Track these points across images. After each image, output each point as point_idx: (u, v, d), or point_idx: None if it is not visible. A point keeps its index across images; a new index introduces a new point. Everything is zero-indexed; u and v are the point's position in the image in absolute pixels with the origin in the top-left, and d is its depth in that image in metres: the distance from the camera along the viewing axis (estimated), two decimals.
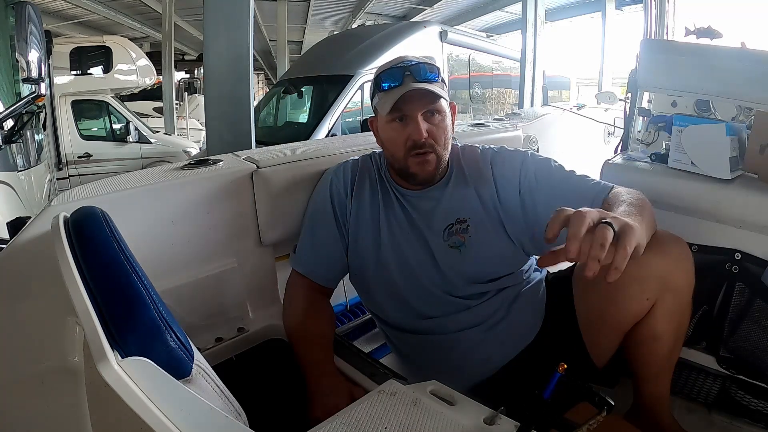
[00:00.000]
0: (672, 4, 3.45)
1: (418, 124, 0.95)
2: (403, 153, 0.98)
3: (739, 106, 1.54)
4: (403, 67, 0.97)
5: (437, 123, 0.97)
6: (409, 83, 0.95)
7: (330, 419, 0.58)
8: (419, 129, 0.95)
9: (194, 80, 14.30)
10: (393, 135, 0.98)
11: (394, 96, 0.95)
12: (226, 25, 2.14)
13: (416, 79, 0.95)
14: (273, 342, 1.05)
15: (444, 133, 0.98)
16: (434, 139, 0.97)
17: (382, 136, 1.02)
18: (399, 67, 0.97)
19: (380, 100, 0.99)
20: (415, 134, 0.95)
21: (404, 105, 0.95)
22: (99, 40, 6.21)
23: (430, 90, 0.94)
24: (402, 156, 0.98)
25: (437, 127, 0.97)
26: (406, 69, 0.96)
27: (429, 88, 0.94)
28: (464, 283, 0.99)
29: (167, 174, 1.04)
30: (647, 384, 0.97)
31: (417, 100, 0.95)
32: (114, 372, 0.47)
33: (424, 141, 0.95)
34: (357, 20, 9.26)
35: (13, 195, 2.11)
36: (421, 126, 0.95)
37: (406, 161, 0.98)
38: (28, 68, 1.94)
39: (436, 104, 0.96)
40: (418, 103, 0.95)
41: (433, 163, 0.98)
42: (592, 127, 2.44)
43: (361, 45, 4.48)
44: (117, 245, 0.63)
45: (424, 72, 0.96)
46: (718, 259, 1.14)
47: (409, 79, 0.95)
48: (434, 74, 0.97)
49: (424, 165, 0.97)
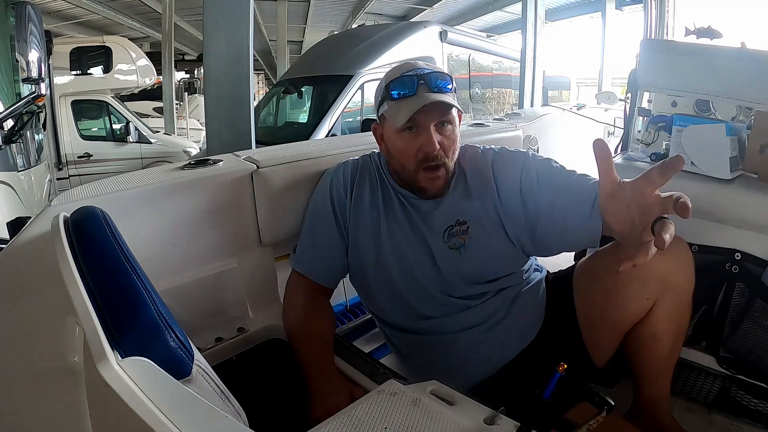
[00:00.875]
0: (672, 4, 3.45)
1: (431, 135, 0.92)
2: (413, 165, 0.95)
3: (739, 106, 1.54)
4: (417, 75, 0.93)
5: (449, 134, 0.95)
6: (424, 93, 0.91)
7: (330, 419, 0.58)
8: (432, 141, 0.92)
9: (194, 80, 14.30)
10: (403, 146, 0.95)
11: (411, 107, 0.91)
12: (226, 25, 2.14)
13: (431, 89, 0.92)
14: (273, 342, 1.05)
15: (454, 144, 0.96)
16: (445, 151, 0.94)
17: (389, 146, 0.99)
18: (411, 75, 0.93)
19: (391, 109, 0.95)
20: (427, 146, 0.92)
21: (418, 116, 0.91)
22: (99, 40, 6.21)
23: (446, 102, 0.91)
24: (413, 168, 0.96)
25: (448, 139, 0.95)
26: (420, 78, 0.92)
27: (445, 99, 0.91)
28: (464, 283, 0.99)
29: (167, 174, 1.04)
30: (647, 384, 0.97)
31: (431, 111, 0.91)
32: (114, 372, 0.47)
33: (436, 153, 0.93)
34: (357, 20, 9.26)
35: (13, 195, 2.11)
36: (434, 138, 0.92)
37: (416, 175, 0.96)
38: (28, 68, 1.94)
39: (449, 115, 0.94)
40: (431, 113, 0.92)
41: (443, 178, 0.96)
42: (592, 127, 2.45)
43: (361, 45, 4.48)
44: (117, 245, 0.63)
45: (438, 81, 0.93)
46: (718, 259, 1.14)
47: (424, 89, 0.92)
48: (446, 82, 0.94)
49: (434, 181, 0.96)
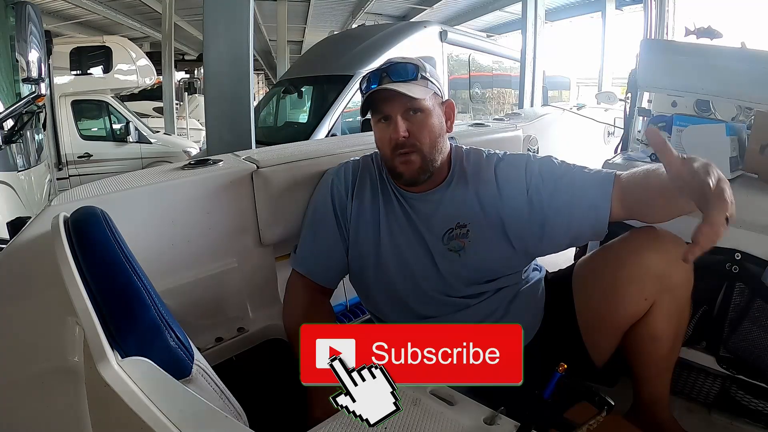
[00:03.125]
0: (672, 4, 3.45)
1: (396, 123, 0.95)
2: (389, 153, 0.98)
3: (739, 106, 1.54)
4: (381, 69, 0.97)
5: (419, 121, 0.96)
6: (385, 85, 0.95)
7: (330, 419, 0.58)
8: (396, 129, 0.95)
9: (194, 80, 14.28)
10: (380, 135, 0.99)
11: (373, 99, 0.96)
12: (226, 25, 2.14)
13: (392, 80, 0.95)
14: (273, 342, 1.05)
15: (429, 131, 0.97)
16: (417, 138, 0.96)
17: (375, 138, 1.03)
18: (378, 70, 0.98)
19: (364, 104, 0.99)
20: (394, 133, 0.95)
21: (384, 106, 0.95)
22: (99, 40, 6.20)
23: (399, 91, 0.93)
24: (389, 156, 0.99)
25: (418, 126, 0.96)
26: (384, 71, 0.97)
27: (399, 89, 0.93)
28: (463, 284, 0.99)
29: (167, 174, 1.04)
30: (647, 384, 0.97)
31: (396, 100, 0.94)
32: (114, 372, 0.47)
33: (404, 140, 0.95)
34: (357, 20, 9.25)
35: (13, 195, 2.11)
36: (399, 126, 0.95)
37: (393, 161, 0.98)
38: (28, 68, 1.94)
39: (415, 102, 0.95)
40: (397, 102, 0.95)
41: (416, 162, 0.97)
42: (592, 127, 2.45)
43: (361, 45, 4.48)
44: (117, 245, 0.63)
45: (400, 72, 0.96)
46: (718, 259, 1.14)
47: (386, 81, 0.95)
48: (412, 73, 0.96)
49: (408, 165, 0.97)
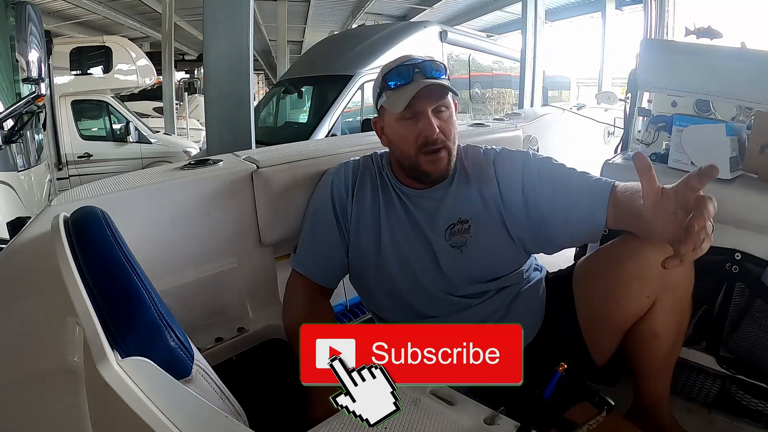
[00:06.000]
0: (672, 4, 3.45)
1: (429, 120, 0.94)
2: (414, 151, 0.97)
3: (739, 106, 1.53)
4: (412, 64, 0.96)
5: (446, 118, 0.97)
6: (420, 80, 0.94)
7: (330, 419, 0.58)
8: (432, 125, 0.94)
9: (194, 80, 14.27)
10: (403, 132, 0.97)
11: (407, 93, 0.93)
12: (226, 25, 2.14)
13: (426, 76, 0.95)
14: (273, 342, 1.05)
15: (453, 128, 0.98)
16: (445, 135, 0.96)
17: (390, 136, 1.01)
18: (407, 65, 0.96)
19: (389, 99, 0.97)
20: (427, 130, 0.94)
21: (415, 102, 0.94)
22: (99, 40, 6.20)
23: (443, 84, 0.94)
24: (413, 154, 0.97)
25: (447, 123, 0.97)
26: (414, 66, 0.96)
27: (440, 82, 0.94)
28: (465, 282, 0.99)
29: (167, 174, 1.04)
30: (647, 383, 0.97)
31: (428, 97, 0.94)
32: (114, 372, 0.47)
33: (436, 137, 0.95)
34: (357, 20, 9.25)
35: (13, 195, 2.11)
36: (433, 122, 0.94)
37: (417, 159, 0.97)
38: (28, 68, 1.94)
39: (445, 99, 0.97)
40: (428, 99, 0.95)
41: (445, 159, 0.97)
42: (592, 127, 2.45)
43: (361, 45, 4.48)
44: (117, 245, 0.63)
45: (432, 71, 0.96)
46: (718, 259, 1.13)
47: (420, 76, 0.95)
48: (441, 72, 0.97)
49: (436, 163, 0.97)
